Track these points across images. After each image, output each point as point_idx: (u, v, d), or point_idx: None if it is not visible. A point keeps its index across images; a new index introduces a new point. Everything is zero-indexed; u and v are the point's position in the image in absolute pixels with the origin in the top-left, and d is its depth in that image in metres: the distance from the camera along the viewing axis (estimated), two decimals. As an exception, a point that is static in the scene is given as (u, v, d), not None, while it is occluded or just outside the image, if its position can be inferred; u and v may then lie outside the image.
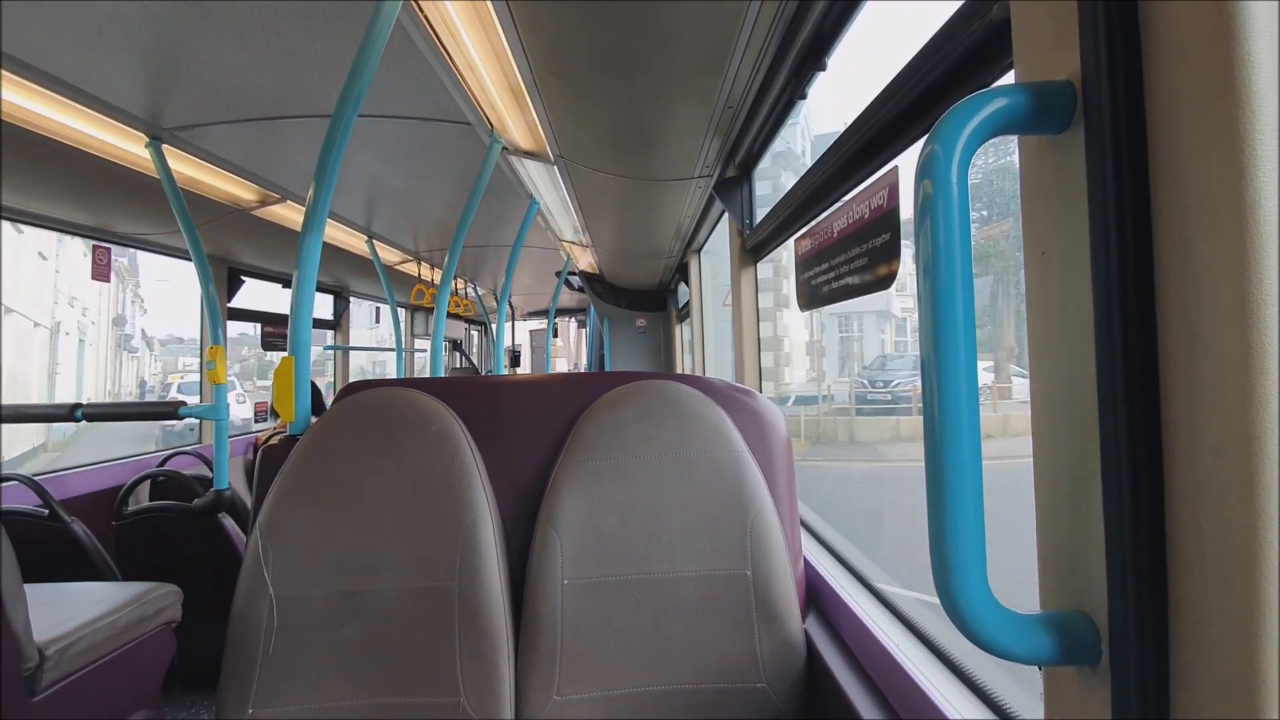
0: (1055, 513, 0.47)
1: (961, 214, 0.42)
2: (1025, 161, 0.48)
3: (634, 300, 5.59)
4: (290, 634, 1.04)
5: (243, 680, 1.02)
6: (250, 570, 1.06)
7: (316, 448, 1.13)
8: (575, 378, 1.27)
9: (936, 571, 0.43)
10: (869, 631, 0.98)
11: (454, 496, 1.09)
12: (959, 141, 0.42)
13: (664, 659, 1.05)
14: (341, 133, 1.36)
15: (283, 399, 1.32)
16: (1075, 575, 0.45)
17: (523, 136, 2.17)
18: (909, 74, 0.82)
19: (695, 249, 3.63)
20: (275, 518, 1.08)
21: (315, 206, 1.37)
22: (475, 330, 8.90)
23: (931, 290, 0.42)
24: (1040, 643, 0.43)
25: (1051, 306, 0.46)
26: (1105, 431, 0.41)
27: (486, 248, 4.54)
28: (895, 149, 0.95)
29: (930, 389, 0.43)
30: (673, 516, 1.09)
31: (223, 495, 2.38)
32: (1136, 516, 0.39)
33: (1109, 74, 0.39)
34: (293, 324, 1.36)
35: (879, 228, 0.94)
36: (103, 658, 1.65)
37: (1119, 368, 0.39)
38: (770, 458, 1.16)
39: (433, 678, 1.03)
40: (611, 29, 1.22)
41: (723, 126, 1.71)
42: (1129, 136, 0.39)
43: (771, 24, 1.19)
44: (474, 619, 1.04)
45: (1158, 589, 0.39)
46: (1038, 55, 0.47)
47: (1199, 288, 0.36)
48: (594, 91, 1.54)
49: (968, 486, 0.42)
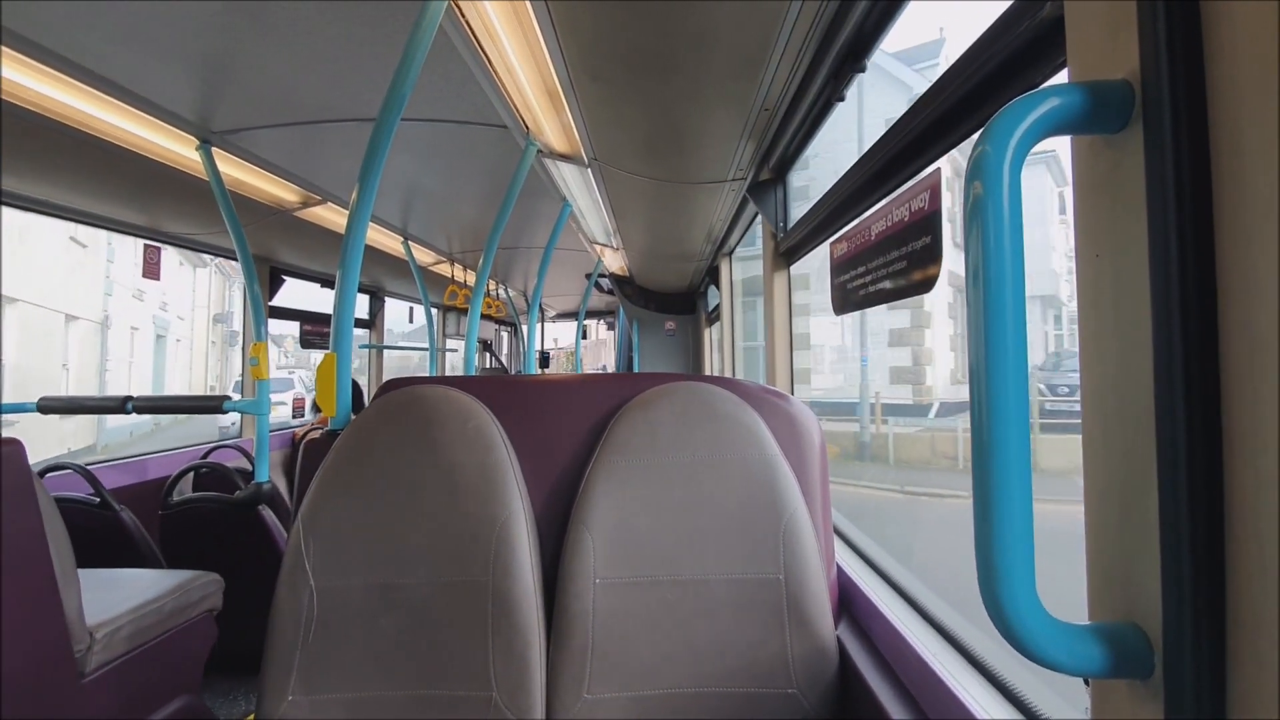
0: (1106, 521, 0.46)
1: (1013, 217, 0.42)
2: (1079, 162, 0.47)
3: (663, 303, 5.60)
4: (329, 624, 1.06)
5: (283, 668, 1.05)
6: (292, 561, 1.09)
7: (356, 442, 1.15)
8: (607, 378, 1.27)
9: (983, 580, 0.42)
10: (902, 638, 0.96)
11: (489, 492, 1.11)
12: (1011, 142, 0.42)
13: (695, 660, 1.05)
14: (385, 136, 1.39)
15: (325, 395, 1.35)
16: (1127, 585, 0.44)
17: (557, 139, 2.19)
18: (954, 75, 0.81)
19: (726, 252, 3.62)
20: (316, 510, 1.11)
21: (358, 208, 1.41)
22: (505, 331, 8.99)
23: (982, 295, 0.42)
24: (1089, 654, 0.42)
25: (1105, 309, 0.45)
26: (1162, 437, 0.40)
27: (518, 249, 4.59)
28: (937, 151, 0.94)
29: (979, 396, 0.42)
30: (705, 518, 1.09)
31: (262, 488, 2.44)
32: (1194, 525, 0.38)
33: (1169, 72, 0.39)
34: (335, 323, 1.40)
35: (919, 230, 0.93)
36: (148, 642, 1.71)
37: (1178, 372, 0.38)
38: (804, 461, 1.15)
39: (466, 672, 1.05)
40: (648, 30, 1.23)
41: (758, 129, 1.70)
42: (1190, 136, 0.38)
43: (811, 25, 1.19)
44: (507, 615, 1.05)
45: (1215, 600, 0.38)
46: (1093, 54, 0.46)
47: (1263, 290, 0.35)
48: (629, 94, 1.55)
49: (1016, 494, 0.41)
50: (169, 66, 1.74)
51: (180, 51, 1.67)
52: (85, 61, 1.68)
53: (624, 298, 5.52)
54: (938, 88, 0.86)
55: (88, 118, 1.96)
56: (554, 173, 2.52)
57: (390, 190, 3.01)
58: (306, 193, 2.84)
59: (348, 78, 1.84)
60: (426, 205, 3.35)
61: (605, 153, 2.07)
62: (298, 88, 1.90)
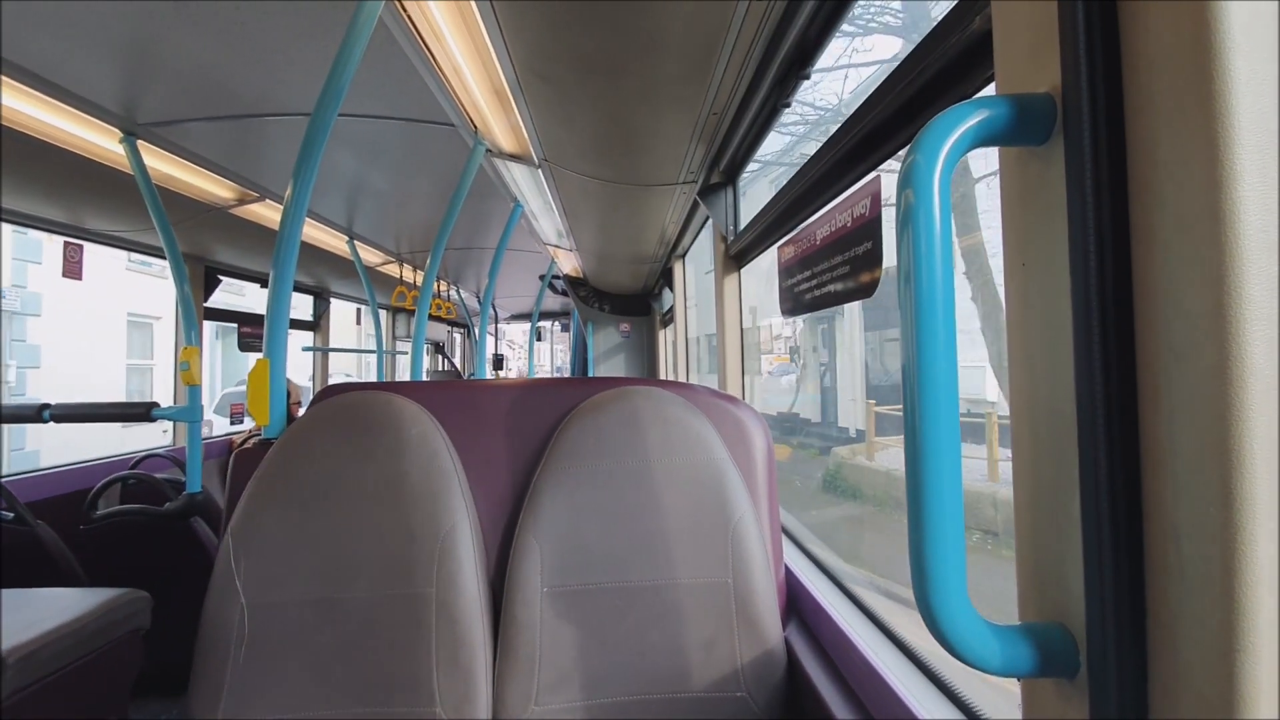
0: (1034, 524, 0.46)
1: (943, 224, 0.42)
2: (1006, 173, 0.48)
3: (618, 305, 5.59)
4: (262, 641, 1.01)
5: (212, 688, 1.00)
6: (221, 576, 1.04)
7: (292, 451, 1.11)
8: (557, 383, 1.26)
9: (916, 583, 0.43)
10: (848, 639, 0.98)
11: (432, 502, 1.08)
12: (940, 152, 0.42)
13: (644, 667, 1.04)
14: (320, 132, 1.34)
15: (257, 402, 1.29)
16: (1054, 587, 0.45)
17: (506, 139, 2.16)
18: (892, 84, 0.82)
19: (679, 254, 3.63)
20: (248, 522, 1.06)
21: (293, 206, 1.35)
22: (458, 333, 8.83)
23: (913, 299, 0.42)
24: (1018, 655, 0.43)
25: (1031, 318, 0.46)
26: (1084, 443, 0.40)
27: (470, 250, 4.51)
28: (878, 158, 0.96)
29: (910, 397, 0.43)
30: (654, 523, 1.09)
31: (195, 499, 2.33)
32: (1114, 528, 0.39)
33: (1088, 86, 0.40)
34: (269, 325, 1.34)
35: (861, 236, 0.94)
36: (67, 665, 1.61)
37: (1098, 380, 0.39)
38: (752, 465, 1.15)
39: (409, 688, 1.01)
40: (596, 33, 1.22)
41: (707, 132, 1.71)
42: (1108, 149, 0.39)
43: (757, 29, 1.19)
44: (452, 627, 1.02)
45: (1135, 601, 0.39)
46: (1018, 67, 0.47)
47: (1176, 300, 0.36)
48: (578, 95, 1.53)
49: (947, 497, 0.42)
50: (88, 55, 1.64)
51: (100, 40, 1.57)
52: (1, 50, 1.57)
53: (578, 299, 5.49)
54: (877, 96, 0.87)
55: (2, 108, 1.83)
56: (504, 173, 2.48)
57: (334, 188, 2.91)
58: (243, 189, 2.72)
59: (286, 70, 1.76)
60: (373, 204, 3.25)
61: (555, 154, 2.04)
62: (231, 79, 1.81)
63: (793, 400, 9.69)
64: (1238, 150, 0.33)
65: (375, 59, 1.65)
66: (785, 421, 9.25)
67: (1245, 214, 0.33)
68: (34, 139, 2.00)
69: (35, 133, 1.99)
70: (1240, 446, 0.33)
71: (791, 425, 9.14)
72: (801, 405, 9.51)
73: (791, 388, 10.06)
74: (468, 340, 8.98)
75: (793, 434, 8.93)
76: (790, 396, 9.85)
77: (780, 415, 9.46)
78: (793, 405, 9.58)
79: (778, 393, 10.41)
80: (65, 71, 1.72)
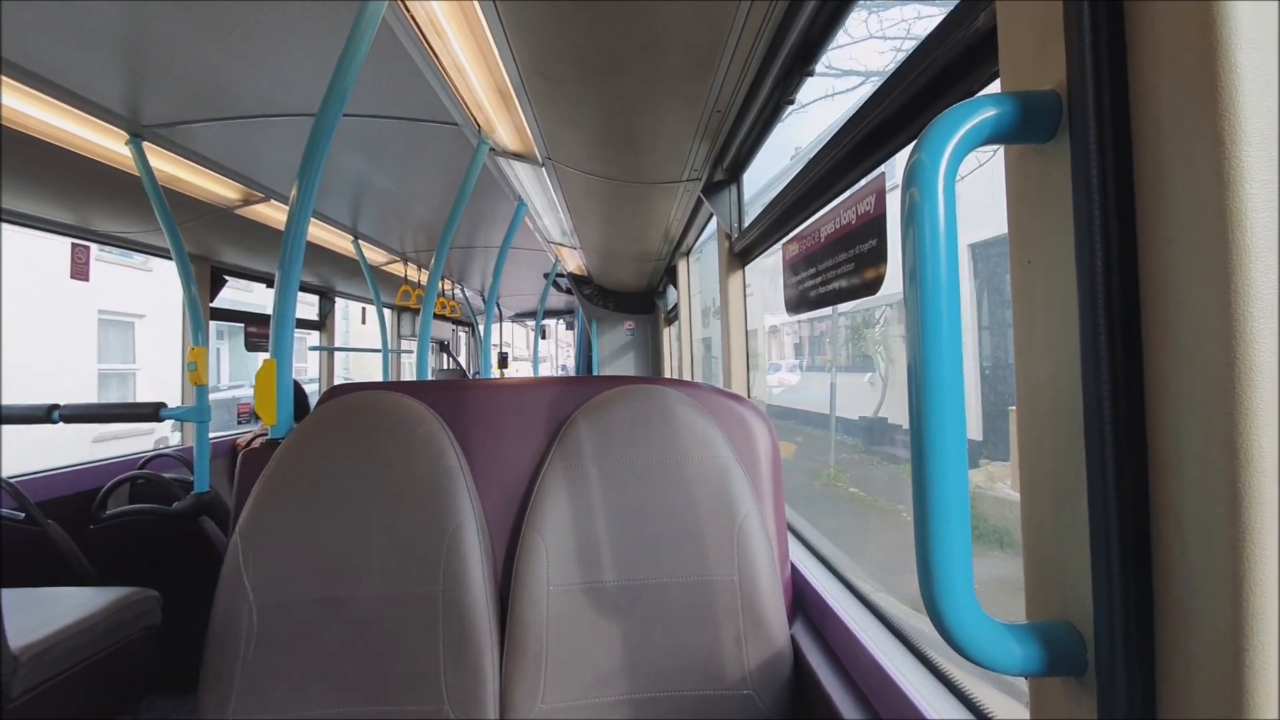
0: (1041, 522, 0.46)
1: (948, 222, 0.42)
2: (1011, 170, 0.48)
3: (622, 303, 5.58)
4: (271, 640, 1.02)
5: (222, 687, 1.01)
6: (230, 575, 1.04)
7: (298, 451, 1.11)
8: (562, 381, 1.26)
9: (922, 581, 0.43)
10: (855, 637, 0.98)
11: (438, 501, 1.08)
12: (945, 150, 0.42)
13: (650, 665, 1.05)
14: (325, 132, 1.34)
15: (264, 402, 1.30)
16: (1061, 585, 0.45)
17: (510, 138, 2.16)
18: (896, 81, 0.82)
19: (684, 252, 3.63)
20: (255, 522, 1.06)
21: (298, 206, 1.35)
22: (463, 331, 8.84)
23: (917, 297, 0.42)
24: (1026, 654, 0.43)
25: (1037, 315, 0.46)
26: (1090, 441, 0.40)
27: (474, 249, 4.52)
28: (883, 155, 0.96)
29: (916, 395, 0.43)
30: (659, 522, 1.09)
31: (203, 498, 2.34)
32: (1122, 526, 0.39)
33: (1094, 83, 0.39)
34: (275, 325, 1.34)
35: (866, 233, 0.94)
36: (79, 664, 1.62)
37: (1104, 377, 0.39)
38: (757, 463, 1.15)
39: (417, 685, 1.02)
40: (599, 31, 1.22)
41: (711, 130, 1.71)
42: (1114, 146, 0.39)
43: (760, 27, 1.19)
44: (459, 625, 1.03)
45: (1143, 599, 0.38)
46: (1023, 64, 0.47)
47: (1183, 298, 0.36)
48: (582, 94, 1.53)
49: (953, 494, 0.42)
50: (94, 58, 1.65)
51: (106, 42, 1.58)
52: (4, 52, 1.58)
53: (583, 297, 5.49)
54: (882, 92, 0.87)
55: (8, 110, 1.84)
56: (508, 171, 2.48)
57: (339, 188, 2.92)
58: (248, 190, 2.73)
59: (290, 71, 1.77)
60: (377, 203, 3.26)
61: (559, 152, 2.04)
62: (236, 81, 1.82)
63: (879, 402, 7.39)
64: (1244, 147, 0.33)
65: (379, 59, 1.65)
66: (871, 429, 7.20)
67: (1252, 211, 0.33)
68: (42, 142, 2.02)
69: (43, 136, 2.00)
70: (1248, 444, 0.33)
71: (879, 433, 7.10)
72: (889, 408, 7.20)
73: (871, 387, 7.81)
74: (472, 338, 8.99)
75: (879, 443, 7.00)
76: (872, 396, 7.61)
77: (862, 420, 7.42)
78: (878, 408, 7.35)
79: (850, 392, 7.95)
80: (72, 75, 1.73)
